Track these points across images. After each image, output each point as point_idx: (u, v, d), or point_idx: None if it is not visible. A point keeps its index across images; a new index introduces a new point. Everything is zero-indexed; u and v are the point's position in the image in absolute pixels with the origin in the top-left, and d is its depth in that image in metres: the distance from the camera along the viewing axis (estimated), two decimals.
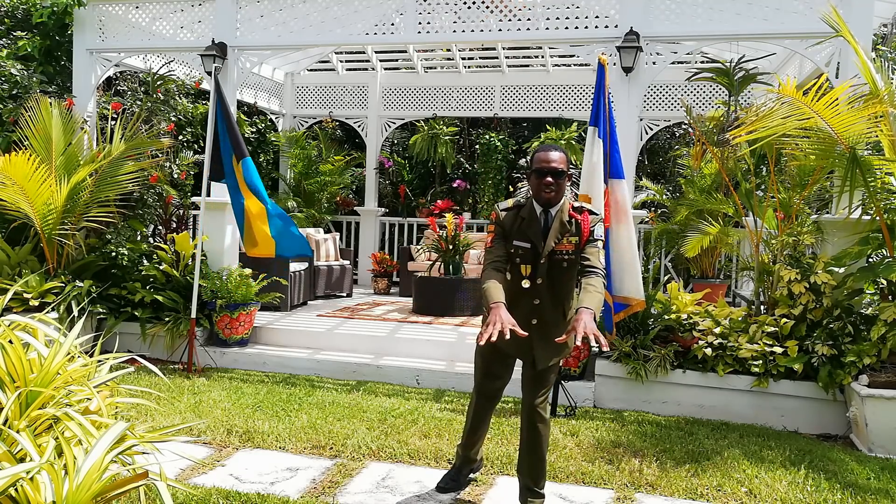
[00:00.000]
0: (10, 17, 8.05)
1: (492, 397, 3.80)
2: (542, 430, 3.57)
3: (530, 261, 3.41)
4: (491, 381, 3.75)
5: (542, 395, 3.56)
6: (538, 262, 3.40)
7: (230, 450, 4.47)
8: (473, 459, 4.00)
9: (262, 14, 7.28)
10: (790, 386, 5.45)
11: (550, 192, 3.35)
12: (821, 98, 4.86)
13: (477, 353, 3.75)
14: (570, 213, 3.41)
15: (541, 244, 3.39)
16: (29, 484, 2.31)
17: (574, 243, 3.40)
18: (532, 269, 3.41)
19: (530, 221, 3.41)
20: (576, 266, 3.43)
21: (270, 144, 11.03)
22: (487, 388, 3.76)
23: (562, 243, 3.38)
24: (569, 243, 3.39)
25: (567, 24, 6.52)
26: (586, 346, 6.05)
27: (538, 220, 3.41)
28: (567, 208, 3.41)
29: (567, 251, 3.39)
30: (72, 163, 6.86)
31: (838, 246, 5.66)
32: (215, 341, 7.01)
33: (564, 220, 3.39)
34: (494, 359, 3.66)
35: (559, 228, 3.38)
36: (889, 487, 4.15)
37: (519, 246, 3.41)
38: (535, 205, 3.43)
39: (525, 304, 3.44)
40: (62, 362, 2.94)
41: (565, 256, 3.39)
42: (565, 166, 3.36)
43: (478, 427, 3.86)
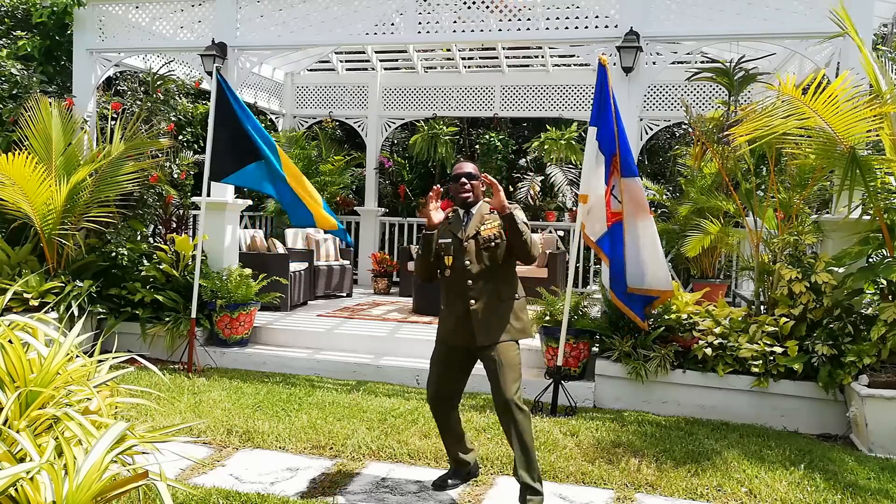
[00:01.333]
0: (10, 17, 8.05)
1: (447, 399, 3.90)
2: (522, 420, 3.61)
3: (451, 252, 3.76)
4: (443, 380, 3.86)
5: (514, 387, 3.64)
6: (461, 248, 3.73)
7: (230, 450, 4.47)
8: (464, 463, 4.03)
9: (262, 14, 7.28)
10: (790, 386, 5.45)
11: (466, 193, 3.78)
12: (819, 95, 4.85)
13: (431, 363, 3.91)
14: (490, 208, 3.77)
15: (462, 233, 3.76)
16: (29, 484, 2.31)
17: (499, 226, 3.72)
18: (454, 258, 3.75)
19: (454, 221, 3.83)
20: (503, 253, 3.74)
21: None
22: (441, 388, 3.87)
23: (487, 229, 3.74)
24: (493, 227, 3.74)
25: (567, 24, 6.52)
26: (587, 347, 6.05)
27: (460, 219, 3.83)
28: (487, 206, 3.82)
29: (494, 234, 3.73)
30: (72, 163, 6.86)
31: (838, 246, 5.66)
32: (215, 341, 7.01)
33: (485, 213, 3.79)
34: (444, 354, 3.85)
35: (479, 219, 3.78)
36: (889, 487, 4.15)
37: (442, 242, 3.77)
38: (459, 210, 3.86)
39: (461, 290, 3.72)
40: (62, 362, 2.94)
41: (493, 238, 3.72)
42: (476, 171, 3.84)
43: (443, 425, 3.93)
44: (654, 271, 5.52)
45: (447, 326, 3.82)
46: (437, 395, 3.88)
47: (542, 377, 6.08)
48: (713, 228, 6.94)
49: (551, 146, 10.65)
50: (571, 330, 5.88)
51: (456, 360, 3.85)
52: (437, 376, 3.87)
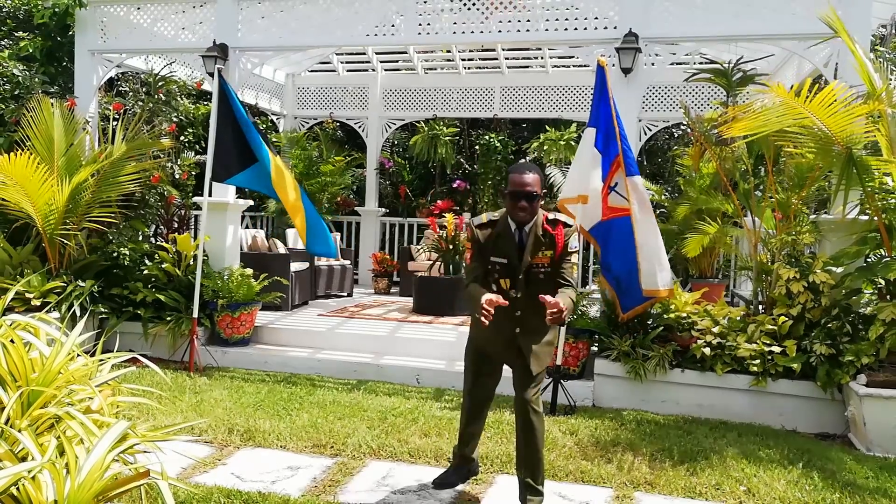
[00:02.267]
0: (12, 18, 8.07)
1: (483, 398, 3.88)
2: (537, 424, 3.61)
3: (508, 275, 3.55)
4: (481, 383, 3.83)
5: (534, 390, 3.63)
6: (516, 277, 3.53)
7: (231, 448, 4.49)
8: (469, 458, 4.03)
9: (264, 15, 7.30)
10: (788, 385, 5.46)
11: (524, 215, 3.49)
12: (814, 98, 4.87)
13: (466, 354, 3.86)
14: (543, 227, 3.54)
15: (516, 260, 3.52)
16: (31, 483, 2.33)
17: (549, 256, 3.53)
18: (510, 282, 3.55)
19: (505, 238, 3.54)
20: (553, 278, 3.56)
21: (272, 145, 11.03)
22: (478, 390, 3.85)
23: (537, 257, 3.52)
24: (544, 257, 3.53)
25: (566, 26, 6.54)
26: (586, 346, 6.07)
27: (512, 236, 3.54)
28: (541, 222, 3.54)
29: (543, 264, 3.53)
30: (73, 163, 6.88)
31: (836, 246, 5.68)
32: (217, 341, 7.03)
33: (539, 235, 3.52)
34: (483, 362, 3.79)
35: (534, 244, 3.52)
36: (887, 486, 4.17)
37: (496, 262, 3.55)
38: (510, 221, 3.55)
39: (507, 316, 3.53)
40: (64, 362, 2.95)
41: (542, 269, 3.53)
42: (539, 189, 3.48)
43: (471, 425, 3.92)
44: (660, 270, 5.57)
45: (493, 345, 3.69)
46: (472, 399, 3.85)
47: None
48: (711, 229, 6.95)
49: (551, 147, 10.67)
50: (571, 329, 5.91)
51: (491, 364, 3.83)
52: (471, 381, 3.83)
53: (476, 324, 3.75)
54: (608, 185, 5.61)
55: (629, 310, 5.73)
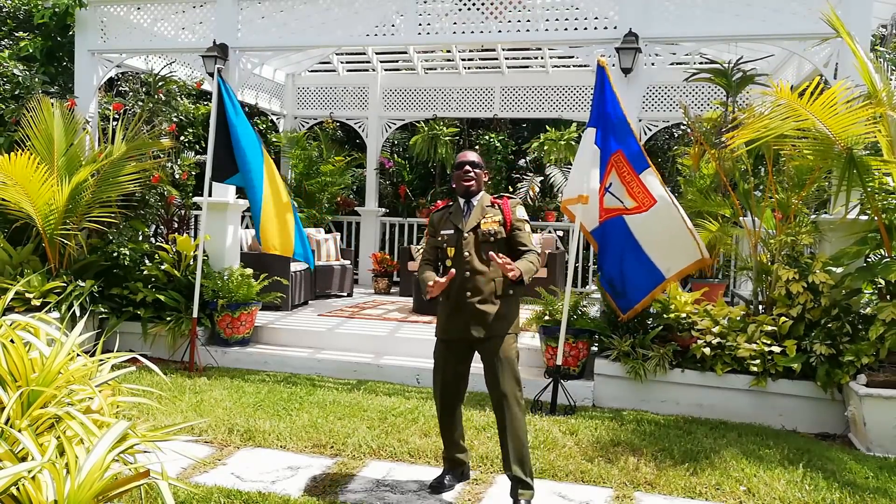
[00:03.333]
0: (12, 18, 8.07)
1: (452, 396, 3.92)
2: (517, 413, 3.67)
3: (454, 242, 3.81)
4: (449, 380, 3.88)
5: (510, 382, 3.69)
6: (461, 240, 3.77)
7: (231, 448, 4.49)
8: (459, 462, 4.05)
9: (264, 15, 7.30)
10: (788, 385, 5.46)
11: (470, 181, 3.83)
12: (816, 99, 4.88)
13: (434, 352, 3.95)
14: (491, 201, 3.86)
15: (462, 225, 3.80)
16: (31, 483, 2.33)
17: (499, 221, 3.79)
18: (456, 249, 3.79)
19: (455, 212, 3.89)
20: (505, 243, 3.79)
21: (271, 145, 11.06)
22: (446, 387, 3.89)
23: (486, 222, 3.78)
24: (494, 221, 3.78)
25: (566, 26, 6.54)
26: (586, 346, 6.07)
27: (461, 209, 3.87)
28: (488, 199, 3.87)
29: (493, 229, 3.77)
30: (73, 163, 6.88)
31: (836, 246, 5.68)
32: (217, 341, 7.03)
33: (485, 206, 3.83)
34: (448, 351, 3.87)
35: (480, 211, 3.82)
36: (887, 486, 4.17)
37: (444, 234, 3.85)
38: (459, 200, 3.90)
39: (460, 282, 3.74)
40: (64, 362, 2.95)
41: (492, 234, 3.76)
42: (479, 161, 3.89)
43: (446, 428, 3.96)
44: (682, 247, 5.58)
45: (444, 317, 3.86)
46: (441, 391, 3.90)
47: (542, 376, 6.10)
48: (712, 227, 6.95)
49: (551, 147, 10.68)
50: (571, 329, 5.90)
51: (454, 355, 3.87)
52: (440, 373, 3.89)
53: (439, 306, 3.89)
54: (604, 187, 5.61)
55: (628, 310, 5.75)
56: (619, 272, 5.69)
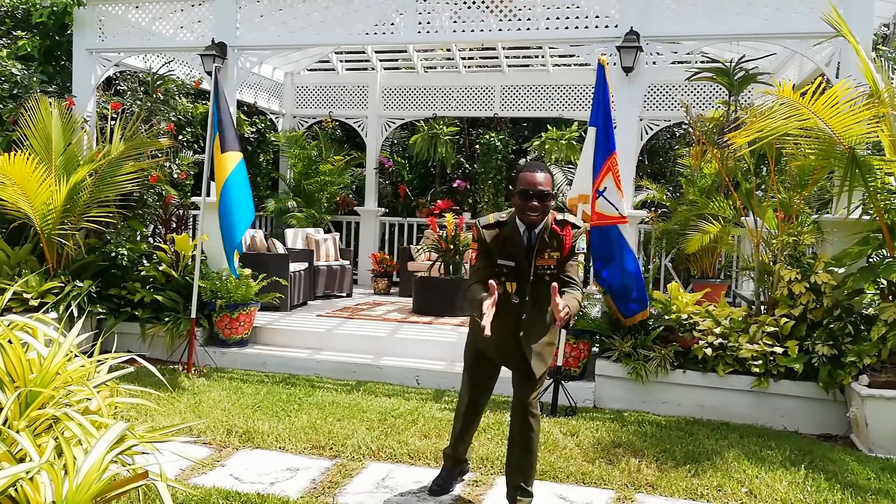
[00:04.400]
0: (10, 17, 8.04)
1: (481, 399, 3.88)
2: (535, 427, 3.61)
3: (514, 278, 3.44)
4: (480, 384, 3.83)
5: (535, 393, 3.62)
6: (524, 279, 3.43)
7: (230, 450, 4.47)
8: (463, 460, 4.04)
9: (262, 14, 7.27)
10: (790, 386, 5.44)
11: (535, 216, 3.36)
12: (818, 99, 4.86)
13: (466, 354, 3.84)
14: (552, 228, 3.43)
15: (525, 263, 3.42)
16: (29, 484, 2.31)
17: (556, 258, 3.43)
18: (517, 285, 3.45)
19: (514, 240, 3.43)
20: (556, 279, 3.44)
21: (270, 144, 11.03)
22: (476, 391, 3.85)
23: (543, 259, 3.42)
24: (551, 258, 3.43)
25: (567, 24, 6.51)
26: (587, 347, 6.05)
27: (521, 238, 3.43)
28: (550, 223, 3.43)
29: (549, 266, 3.43)
30: (71, 163, 6.85)
31: (838, 246, 5.66)
32: (215, 341, 7.00)
33: (546, 238, 3.41)
34: (484, 363, 3.78)
35: (541, 245, 3.41)
36: (889, 487, 4.15)
37: (503, 265, 3.43)
38: (519, 222, 3.43)
39: (511, 318, 3.48)
40: (62, 362, 2.93)
41: (547, 272, 3.43)
42: (550, 188, 3.37)
43: (468, 426, 3.92)
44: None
45: (495, 348, 3.60)
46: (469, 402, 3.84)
47: None
48: (713, 228, 6.94)
49: (552, 146, 10.66)
50: (572, 330, 5.88)
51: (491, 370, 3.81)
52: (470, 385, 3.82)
53: (477, 325, 3.62)
54: (596, 189, 5.57)
55: (632, 314, 5.71)
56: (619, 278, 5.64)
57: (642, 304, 5.70)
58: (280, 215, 10.48)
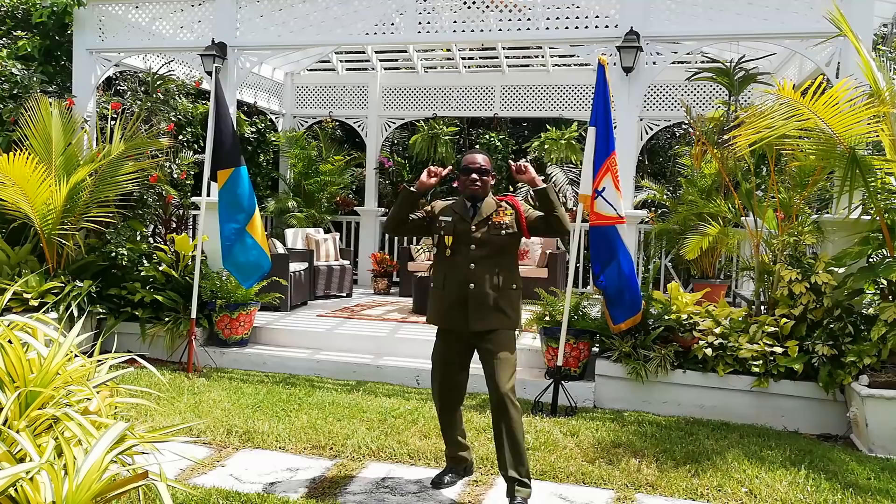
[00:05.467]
0: (10, 17, 8.04)
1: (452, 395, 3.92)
2: (514, 414, 3.64)
3: (452, 231, 3.74)
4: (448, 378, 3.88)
5: (509, 382, 3.66)
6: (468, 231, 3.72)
7: (230, 450, 4.47)
8: (460, 459, 4.06)
9: (262, 14, 7.27)
10: (790, 386, 5.44)
11: (476, 187, 3.73)
12: (819, 98, 4.86)
13: (433, 360, 3.92)
14: (498, 199, 3.82)
15: (468, 216, 3.74)
16: (29, 484, 2.31)
17: (510, 215, 3.75)
18: (459, 240, 3.73)
19: (458, 207, 3.82)
20: (517, 238, 3.78)
21: (270, 144, 11.03)
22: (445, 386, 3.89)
23: (499, 215, 3.74)
24: (504, 215, 3.75)
25: (567, 24, 6.52)
26: (587, 347, 6.05)
27: (466, 207, 3.80)
28: (493, 203, 3.79)
29: (504, 222, 3.73)
30: (71, 163, 6.86)
31: (839, 246, 5.66)
32: (215, 341, 7.00)
33: (492, 206, 3.77)
34: (447, 346, 3.86)
35: (488, 208, 3.76)
36: (889, 487, 4.15)
37: (443, 220, 3.79)
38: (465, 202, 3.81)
39: (462, 273, 3.72)
40: (62, 362, 2.93)
41: (503, 228, 3.72)
42: (489, 166, 3.78)
43: (447, 426, 3.96)
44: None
45: (440, 307, 3.81)
46: (440, 391, 3.90)
47: (543, 377, 6.08)
48: (713, 230, 6.94)
49: (551, 146, 10.65)
50: (571, 330, 5.88)
51: (454, 352, 3.86)
52: (438, 375, 3.89)
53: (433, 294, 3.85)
54: (595, 189, 5.56)
55: (620, 322, 5.71)
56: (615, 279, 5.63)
57: (634, 308, 5.69)
58: (280, 215, 10.49)
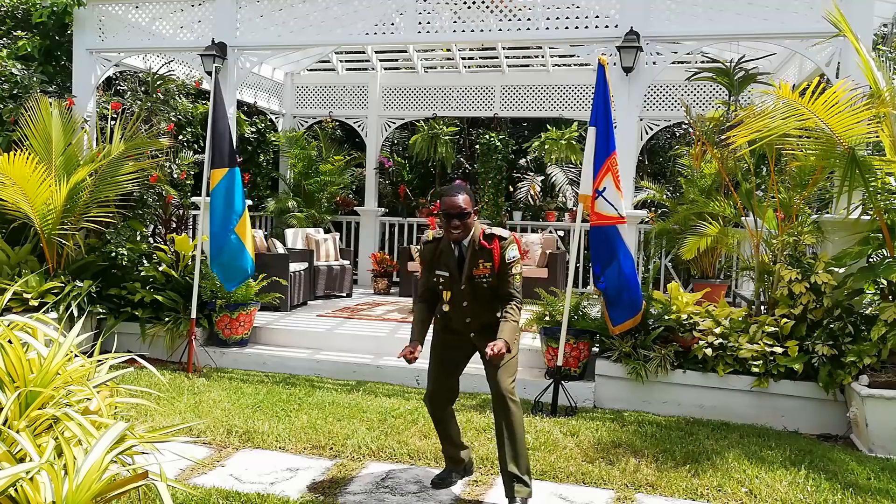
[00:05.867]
0: (11, 17, 8.04)
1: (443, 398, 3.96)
2: (515, 412, 3.68)
3: (449, 286, 3.81)
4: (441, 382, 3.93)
5: (510, 380, 3.73)
6: (457, 287, 3.78)
7: (230, 450, 4.47)
8: (459, 460, 4.07)
9: (262, 14, 7.28)
10: (790, 386, 5.44)
11: (458, 233, 3.72)
12: (818, 99, 4.86)
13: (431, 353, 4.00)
14: (480, 242, 3.76)
15: (457, 272, 3.78)
16: (29, 484, 2.31)
17: (489, 268, 3.76)
18: (451, 294, 3.81)
19: (447, 253, 3.81)
20: (495, 286, 3.79)
21: (270, 144, 11.03)
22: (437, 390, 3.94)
23: (477, 269, 3.76)
24: (484, 268, 3.76)
25: (567, 24, 6.52)
26: (587, 347, 6.05)
27: (452, 251, 3.81)
28: (478, 237, 3.77)
29: (485, 275, 3.76)
30: (71, 163, 6.86)
31: (839, 246, 5.66)
32: (215, 341, 7.00)
33: (476, 250, 3.76)
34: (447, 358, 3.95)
35: (472, 257, 3.76)
36: (889, 487, 4.15)
37: (439, 274, 3.82)
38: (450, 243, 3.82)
39: (459, 321, 3.86)
40: (62, 362, 2.93)
41: (484, 280, 3.76)
42: (469, 207, 3.71)
43: (444, 431, 4.00)
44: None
45: (446, 340, 3.94)
46: (434, 393, 3.94)
47: (543, 377, 6.08)
48: (712, 230, 6.93)
49: (551, 146, 10.65)
50: (571, 330, 5.88)
51: (452, 359, 3.96)
52: (433, 375, 3.94)
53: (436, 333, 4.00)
54: (595, 189, 5.57)
55: (620, 323, 5.71)
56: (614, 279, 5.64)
57: (634, 309, 5.69)
58: (280, 215, 10.49)
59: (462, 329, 3.88)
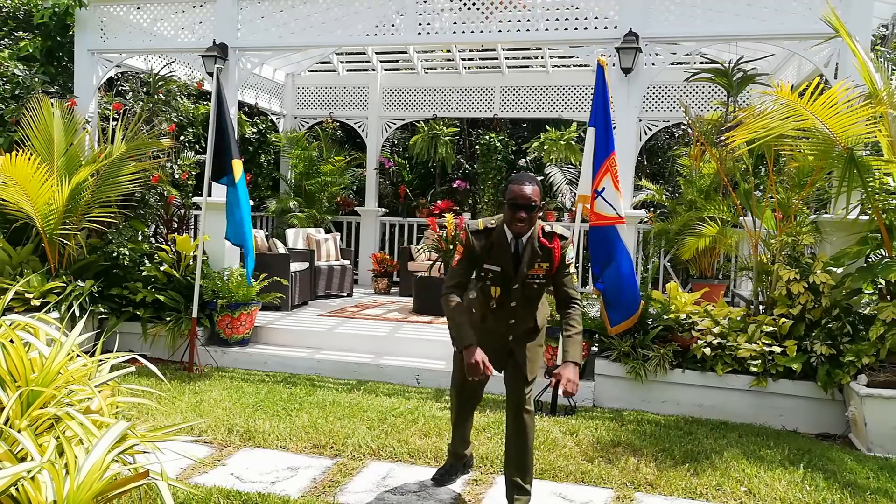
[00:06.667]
0: (12, 18, 8.07)
1: (472, 396, 3.93)
2: (529, 423, 3.64)
3: (500, 283, 3.54)
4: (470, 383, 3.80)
5: (528, 389, 3.66)
6: (510, 286, 3.53)
7: (231, 449, 4.49)
8: (463, 455, 4.09)
9: (263, 15, 7.30)
10: (789, 385, 5.46)
11: (523, 225, 3.43)
12: (817, 99, 4.87)
13: (455, 356, 3.88)
14: (540, 240, 3.52)
15: (512, 270, 3.51)
16: (30, 483, 2.32)
17: (545, 268, 3.53)
18: (502, 291, 3.55)
19: (501, 248, 3.51)
20: (544, 286, 3.59)
21: (271, 145, 11.05)
22: (466, 389, 3.88)
23: (534, 268, 3.51)
24: (540, 268, 3.52)
25: (566, 25, 6.53)
26: (586, 346, 6.06)
27: (508, 246, 3.52)
28: (537, 234, 3.52)
29: (538, 275, 3.52)
30: (73, 163, 6.87)
31: (837, 246, 5.67)
32: (216, 341, 7.02)
33: (535, 247, 3.50)
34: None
35: (531, 255, 3.50)
36: (888, 486, 4.16)
37: (490, 269, 3.53)
38: (507, 231, 3.51)
39: (500, 321, 3.61)
40: (63, 362, 2.95)
41: (537, 280, 3.53)
42: (538, 200, 3.44)
43: (462, 424, 3.98)
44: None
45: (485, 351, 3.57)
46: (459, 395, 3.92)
47: (542, 377, 6.08)
48: (711, 230, 6.94)
49: (551, 147, 10.67)
50: None
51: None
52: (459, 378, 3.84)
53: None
54: (595, 189, 5.58)
55: (617, 324, 5.72)
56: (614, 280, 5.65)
57: (632, 310, 5.70)
58: (281, 215, 10.51)
59: (503, 330, 3.63)
